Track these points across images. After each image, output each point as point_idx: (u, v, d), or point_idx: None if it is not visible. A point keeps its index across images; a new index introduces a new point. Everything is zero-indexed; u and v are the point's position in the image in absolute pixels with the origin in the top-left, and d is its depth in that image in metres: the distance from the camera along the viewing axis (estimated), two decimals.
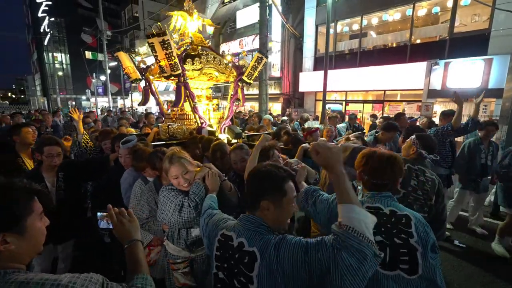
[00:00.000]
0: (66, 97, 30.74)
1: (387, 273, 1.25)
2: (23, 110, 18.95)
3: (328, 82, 11.68)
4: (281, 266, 0.94)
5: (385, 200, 1.36)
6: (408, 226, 1.27)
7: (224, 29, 17.10)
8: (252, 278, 0.99)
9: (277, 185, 1.07)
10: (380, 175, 1.36)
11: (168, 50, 2.94)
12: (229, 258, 1.08)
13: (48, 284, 0.77)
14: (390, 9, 9.88)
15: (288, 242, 0.98)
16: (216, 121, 3.83)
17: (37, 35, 29.98)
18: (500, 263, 3.15)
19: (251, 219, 1.09)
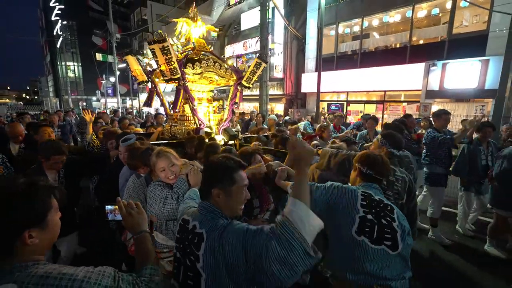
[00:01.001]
0: (77, 98, 31.69)
1: (374, 246, 1.46)
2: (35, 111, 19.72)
3: (330, 83, 11.95)
4: (222, 247, 1.02)
5: (375, 190, 1.65)
6: (392, 212, 1.54)
7: (229, 31, 17.47)
8: (199, 256, 1.07)
9: (226, 174, 1.17)
10: (376, 168, 1.66)
11: (168, 55, 3.11)
12: (184, 239, 1.16)
13: (66, 279, 0.81)
14: (390, 10, 10.03)
15: (232, 227, 1.06)
16: (216, 122, 3.95)
17: (50, 38, 31.04)
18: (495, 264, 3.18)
19: (205, 206, 1.18)
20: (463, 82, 7.80)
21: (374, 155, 1.74)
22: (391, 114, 10.21)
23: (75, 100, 30.19)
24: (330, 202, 1.59)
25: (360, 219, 1.50)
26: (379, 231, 1.47)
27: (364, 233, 1.48)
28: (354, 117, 11.80)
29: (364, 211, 1.51)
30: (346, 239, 1.51)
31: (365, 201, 1.55)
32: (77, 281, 0.81)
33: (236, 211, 1.20)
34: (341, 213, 1.56)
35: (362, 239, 1.47)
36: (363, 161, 1.73)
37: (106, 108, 22.66)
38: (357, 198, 1.56)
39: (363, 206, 1.53)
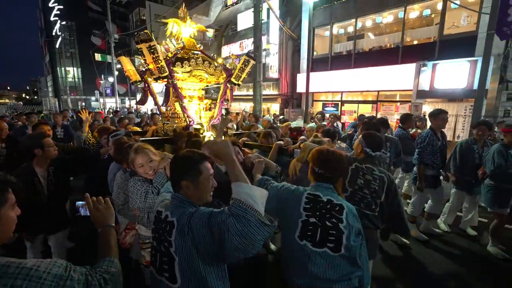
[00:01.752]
0: (76, 98, 31.83)
1: (316, 249, 1.47)
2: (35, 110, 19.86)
3: (324, 83, 12.08)
4: (191, 231, 1.12)
5: (326, 190, 1.57)
6: (340, 213, 1.51)
7: (226, 32, 17.59)
8: (171, 242, 1.17)
9: (192, 166, 1.26)
10: (327, 167, 1.58)
11: (154, 54, 3.19)
12: (159, 229, 1.25)
13: (13, 267, 0.81)
14: (383, 11, 10.14)
15: (198, 212, 1.17)
16: (207, 119, 4.00)
17: (49, 38, 31.18)
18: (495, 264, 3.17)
19: (176, 197, 1.27)
20: (452, 82, 7.92)
21: (327, 152, 1.63)
22: (385, 114, 10.32)
23: (74, 100, 30.34)
24: (279, 204, 1.60)
25: (302, 223, 1.51)
26: (322, 234, 1.47)
27: (306, 237, 1.49)
28: (348, 117, 11.93)
29: (307, 214, 1.52)
30: (291, 243, 1.53)
31: (309, 204, 1.54)
32: (25, 268, 0.81)
33: (205, 199, 1.30)
34: (286, 217, 1.58)
35: (304, 243, 1.49)
36: (314, 159, 1.64)
37: (104, 108, 22.82)
38: (300, 202, 1.55)
39: (306, 210, 1.53)
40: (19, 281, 0.79)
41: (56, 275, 0.85)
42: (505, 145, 3.23)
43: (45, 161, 2.34)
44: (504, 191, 3.20)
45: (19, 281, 0.79)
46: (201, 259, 1.14)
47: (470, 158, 3.55)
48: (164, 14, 20.47)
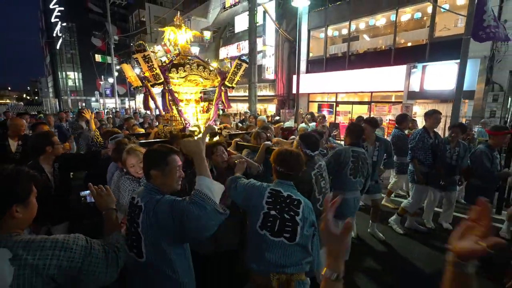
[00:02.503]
0: (77, 99, 32.09)
1: (274, 239, 1.66)
2: (35, 111, 20.09)
3: (320, 84, 12.30)
4: (155, 214, 1.31)
5: (287, 187, 1.77)
6: (297, 207, 1.70)
7: (224, 33, 17.84)
8: (139, 223, 1.36)
9: (160, 158, 1.42)
10: (286, 165, 1.77)
11: (149, 63, 3.40)
12: (131, 212, 1.44)
13: (49, 241, 1.01)
14: (376, 14, 10.37)
15: (164, 199, 1.34)
16: (203, 121, 4.18)
17: (50, 39, 31.45)
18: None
19: (147, 185, 1.45)
20: (441, 83, 8.13)
21: (285, 152, 1.81)
22: (378, 114, 10.53)
23: (75, 101, 30.60)
24: (245, 199, 1.79)
25: (263, 215, 1.69)
26: (280, 225, 1.66)
27: (266, 227, 1.67)
28: (343, 118, 12.14)
29: (268, 207, 1.69)
30: (253, 233, 1.71)
31: (271, 198, 1.72)
32: (59, 242, 1.02)
33: (173, 187, 1.47)
34: (251, 210, 1.77)
35: (264, 233, 1.66)
36: (274, 159, 1.83)
37: (104, 108, 23.06)
38: (263, 196, 1.73)
39: (268, 203, 1.71)
40: (57, 251, 1.01)
41: (82, 245, 1.08)
42: (489, 146, 3.38)
43: (52, 158, 2.55)
44: (487, 191, 3.34)
45: (57, 251, 1.01)
46: (163, 239, 1.33)
47: (443, 158, 3.77)
48: (164, 15, 20.76)
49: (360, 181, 2.88)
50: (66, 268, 1.02)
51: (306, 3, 7.41)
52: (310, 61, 13.02)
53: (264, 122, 6.12)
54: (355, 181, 2.82)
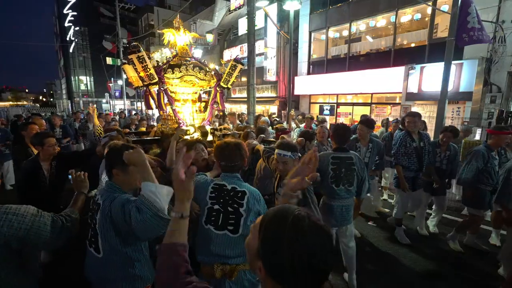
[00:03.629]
0: (88, 100, 33.06)
1: (218, 232, 1.68)
2: (48, 112, 20.88)
3: (321, 85, 12.34)
4: (110, 211, 1.38)
5: (232, 179, 1.78)
6: (241, 199, 1.71)
7: (228, 36, 18.10)
8: (97, 219, 1.44)
9: (121, 157, 1.41)
10: (226, 158, 1.78)
11: (143, 63, 3.51)
12: (92, 209, 1.53)
13: (3, 208, 1.26)
14: (375, 15, 10.36)
15: (119, 197, 1.41)
16: (200, 121, 4.21)
17: (64, 43, 32.57)
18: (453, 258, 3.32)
19: (108, 183, 1.51)
20: (439, 84, 8.04)
21: (223, 145, 1.81)
22: (378, 116, 10.49)
23: (86, 103, 31.49)
24: (195, 195, 1.83)
25: (207, 210, 1.72)
26: (223, 219, 1.68)
27: (210, 222, 1.70)
28: (344, 119, 12.14)
29: (212, 202, 1.72)
30: (200, 227, 1.75)
31: (214, 193, 1.74)
32: (12, 208, 1.27)
33: (132, 186, 1.55)
34: (199, 204, 1.79)
35: (208, 227, 1.69)
36: (215, 153, 1.86)
37: (113, 109, 23.73)
38: (207, 191, 1.75)
39: (211, 198, 1.73)
40: (10, 216, 1.25)
41: (32, 213, 1.32)
42: (488, 146, 3.29)
43: (48, 157, 2.73)
44: (481, 192, 3.26)
45: (10, 216, 1.25)
46: (118, 235, 1.40)
47: (431, 161, 3.66)
48: (169, 18, 21.21)
49: (346, 189, 2.62)
50: (17, 229, 1.25)
51: (297, 6, 7.52)
52: (312, 62, 13.08)
53: (267, 123, 6.13)
54: (339, 190, 2.61)
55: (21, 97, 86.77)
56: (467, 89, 7.56)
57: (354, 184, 2.63)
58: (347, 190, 2.62)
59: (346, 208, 2.67)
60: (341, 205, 2.64)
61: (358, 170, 2.64)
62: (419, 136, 3.61)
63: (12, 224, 1.25)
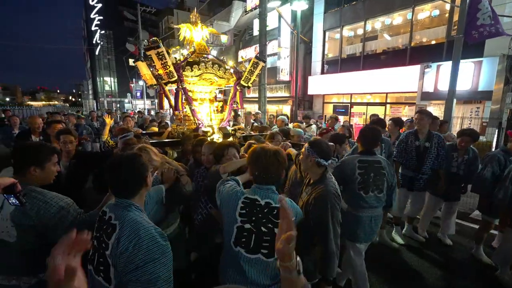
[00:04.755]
0: (112, 100, 34.71)
1: (249, 256, 1.41)
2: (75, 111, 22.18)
3: (334, 85, 12.20)
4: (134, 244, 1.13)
5: (265, 192, 1.48)
6: (277, 217, 1.40)
7: (243, 36, 18.30)
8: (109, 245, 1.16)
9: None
10: (264, 168, 1.48)
11: (163, 60, 3.24)
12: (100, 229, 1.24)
13: (40, 194, 1.46)
14: (391, 13, 10.09)
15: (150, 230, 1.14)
16: (217, 122, 3.99)
17: (91, 46, 34.43)
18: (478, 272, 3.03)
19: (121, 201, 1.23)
20: (457, 84, 7.71)
21: (260, 151, 1.52)
22: (393, 116, 10.22)
23: (110, 102, 33.09)
24: (221, 206, 1.56)
25: (237, 229, 1.45)
26: (256, 240, 1.42)
27: (240, 244, 1.43)
28: (359, 119, 11.91)
29: (242, 220, 1.45)
30: (227, 248, 1.49)
31: (245, 209, 1.46)
32: (46, 196, 1.48)
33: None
34: (225, 221, 1.52)
35: (238, 250, 1.43)
36: (249, 160, 1.55)
37: (134, 109, 24.78)
38: (236, 207, 1.47)
39: (242, 215, 1.46)
40: (40, 202, 1.44)
41: (60, 205, 1.50)
42: (507, 150, 3.04)
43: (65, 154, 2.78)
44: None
45: (39, 202, 1.44)
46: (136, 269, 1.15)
47: (447, 166, 3.40)
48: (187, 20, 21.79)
49: (376, 196, 2.32)
50: (41, 215, 1.43)
51: (304, 6, 7.52)
52: (326, 62, 12.95)
53: (284, 123, 5.91)
54: (368, 197, 2.30)
55: (53, 97, 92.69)
56: (487, 88, 7.20)
57: (384, 191, 2.34)
58: (376, 198, 2.32)
59: (375, 219, 2.35)
60: (369, 216, 2.32)
61: (387, 175, 2.35)
62: (428, 136, 3.40)
63: (39, 211, 1.42)
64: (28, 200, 1.40)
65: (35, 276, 1.51)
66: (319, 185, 1.75)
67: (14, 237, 1.43)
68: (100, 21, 33.62)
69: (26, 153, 1.55)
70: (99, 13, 33.50)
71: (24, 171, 1.52)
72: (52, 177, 1.63)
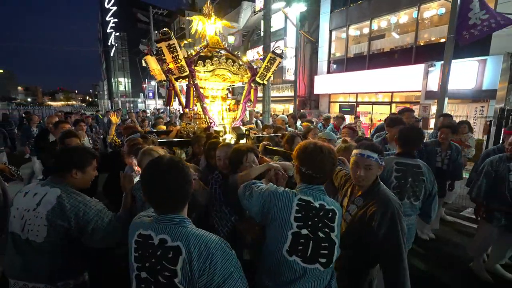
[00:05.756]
0: (126, 100, 35.82)
1: (306, 266, 1.27)
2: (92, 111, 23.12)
3: (340, 84, 12.23)
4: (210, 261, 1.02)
5: (317, 193, 1.35)
6: (332, 221, 1.31)
7: (252, 37, 18.54)
8: (177, 271, 1.02)
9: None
10: (315, 165, 1.33)
11: (174, 53, 3.03)
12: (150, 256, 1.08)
13: (81, 196, 1.49)
14: (397, 12, 10.05)
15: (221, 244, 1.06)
16: (229, 121, 3.76)
17: (106, 47, 35.63)
18: None
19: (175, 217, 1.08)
20: (460, 82, 7.66)
21: (312, 147, 1.36)
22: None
23: (124, 102, 34.18)
24: (264, 210, 1.37)
25: (293, 235, 1.28)
26: (314, 248, 1.28)
27: (297, 252, 1.27)
28: (365, 118, 11.90)
29: (298, 225, 1.29)
30: (277, 257, 1.30)
31: (301, 213, 1.30)
32: (86, 200, 1.50)
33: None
34: (273, 226, 1.33)
35: (294, 259, 1.27)
36: (299, 156, 1.39)
37: (147, 108, 25.54)
38: (291, 209, 1.30)
39: (297, 220, 1.29)
40: (81, 204, 1.47)
41: (98, 209, 1.53)
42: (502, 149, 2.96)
43: None
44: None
45: (80, 204, 1.47)
46: None
47: (432, 161, 3.31)
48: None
49: (411, 203, 2.11)
50: (80, 217, 1.44)
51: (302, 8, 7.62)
52: (332, 61, 12.99)
53: (284, 122, 5.78)
54: (403, 204, 2.02)
55: (71, 97, 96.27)
56: (491, 86, 7.11)
57: (420, 199, 2.13)
58: (411, 205, 2.12)
59: (409, 228, 2.08)
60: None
61: (427, 182, 2.14)
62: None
63: (78, 212, 1.43)
64: (68, 200, 1.44)
65: (54, 284, 1.46)
66: (376, 196, 1.56)
67: (43, 238, 1.40)
68: (115, 24, 34.75)
69: (70, 156, 1.58)
70: (114, 15, 34.64)
71: (67, 173, 1.55)
72: (90, 181, 1.66)
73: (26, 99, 73.16)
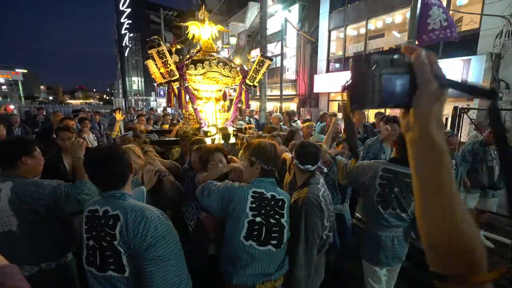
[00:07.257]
0: (139, 99, 37.22)
1: (260, 248, 1.48)
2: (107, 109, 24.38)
3: (339, 83, 12.47)
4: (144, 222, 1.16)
5: (269, 185, 1.55)
6: (282, 208, 1.53)
7: (256, 36, 19.00)
8: (117, 235, 1.17)
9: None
10: (271, 161, 1.55)
11: (163, 59, 3.27)
12: (97, 226, 1.22)
13: (31, 181, 1.52)
14: (391, 12, 10.27)
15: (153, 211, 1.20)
16: (223, 121, 3.92)
17: (121, 48, 37.12)
18: None
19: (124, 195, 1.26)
20: None
21: (265, 145, 1.59)
22: (393, 113, 10.40)
23: (137, 101, 35.55)
24: (223, 205, 1.53)
25: (248, 223, 1.48)
26: (267, 232, 1.49)
27: (252, 237, 1.48)
28: None
29: (253, 214, 1.49)
30: (234, 244, 1.49)
31: (255, 203, 1.50)
32: (37, 182, 1.54)
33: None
34: (232, 217, 1.51)
35: (250, 244, 1.47)
36: (254, 152, 1.57)
37: (158, 107, 26.61)
38: (247, 201, 1.50)
39: (252, 209, 1.49)
40: (32, 187, 1.50)
41: (52, 186, 1.54)
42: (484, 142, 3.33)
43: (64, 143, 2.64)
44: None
45: (31, 187, 1.50)
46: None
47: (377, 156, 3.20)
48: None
49: (397, 214, 1.95)
50: (36, 198, 1.48)
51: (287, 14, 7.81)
52: (331, 60, 13.30)
53: (280, 120, 5.77)
54: (387, 214, 1.95)
55: (90, 96, 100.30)
56: None
57: (408, 211, 1.94)
58: (398, 216, 1.95)
59: (399, 239, 2.00)
60: (391, 235, 1.98)
61: None
62: (364, 128, 4.04)
63: (33, 195, 1.48)
64: (20, 187, 1.48)
65: (37, 265, 1.55)
66: (300, 190, 1.71)
67: (16, 226, 1.48)
68: (129, 25, 36.13)
69: (15, 144, 1.60)
70: (128, 17, 36.03)
71: (18, 162, 1.56)
72: (40, 166, 1.68)
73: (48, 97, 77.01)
